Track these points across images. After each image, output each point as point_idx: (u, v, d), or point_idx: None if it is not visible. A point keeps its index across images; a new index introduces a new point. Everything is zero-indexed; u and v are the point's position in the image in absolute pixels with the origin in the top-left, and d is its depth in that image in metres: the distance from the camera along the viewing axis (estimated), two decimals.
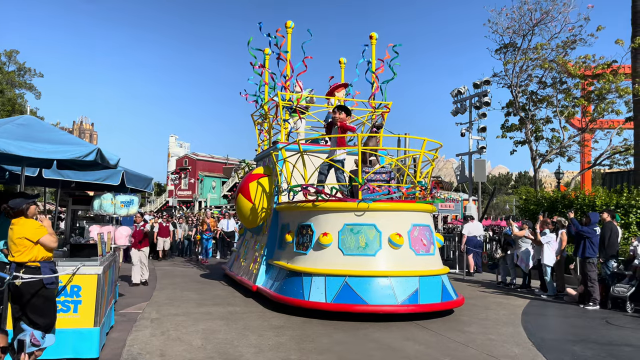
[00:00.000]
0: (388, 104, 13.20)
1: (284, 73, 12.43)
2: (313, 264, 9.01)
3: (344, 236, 8.95)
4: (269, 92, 13.79)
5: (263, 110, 13.50)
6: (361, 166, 9.25)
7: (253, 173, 12.22)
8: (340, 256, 8.86)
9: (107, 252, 7.22)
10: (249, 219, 11.94)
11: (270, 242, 10.97)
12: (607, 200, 13.76)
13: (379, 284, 8.50)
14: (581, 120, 21.25)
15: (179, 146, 78.60)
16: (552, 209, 14.97)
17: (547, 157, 21.23)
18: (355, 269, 8.62)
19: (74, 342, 5.78)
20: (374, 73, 13.39)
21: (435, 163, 10.26)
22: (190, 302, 10.00)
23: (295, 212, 9.96)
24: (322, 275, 8.76)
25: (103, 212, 8.29)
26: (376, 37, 13.63)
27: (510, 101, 21.74)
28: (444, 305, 8.83)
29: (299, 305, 8.73)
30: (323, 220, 9.24)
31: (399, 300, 8.37)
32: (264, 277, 10.67)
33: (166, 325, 7.85)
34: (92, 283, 5.96)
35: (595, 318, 9.22)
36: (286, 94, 12.21)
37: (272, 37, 12.49)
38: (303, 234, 9.51)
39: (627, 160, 20.81)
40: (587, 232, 10.50)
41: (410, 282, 8.62)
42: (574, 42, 20.13)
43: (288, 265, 9.51)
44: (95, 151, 6.11)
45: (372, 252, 8.78)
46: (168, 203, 64.85)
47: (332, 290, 8.56)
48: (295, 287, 9.02)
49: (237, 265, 13.09)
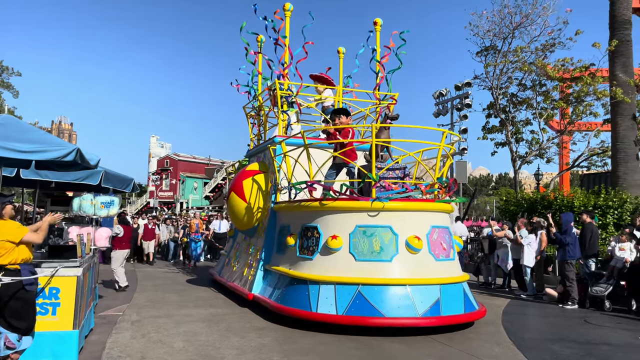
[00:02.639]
0: (394, 95, 12.26)
1: (282, 60, 11.37)
2: (320, 270, 8.06)
3: (355, 239, 7.98)
4: (264, 82, 12.80)
5: (257, 102, 12.55)
6: (374, 161, 8.29)
7: (247, 169, 11.21)
8: (351, 262, 7.90)
9: (87, 254, 7.11)
10: (243, 220, 10.99)
11: (267, 246, 10.01)
12: (585, 202, 13.99)
13: (397, 293, 7.56)
14: (560, 123, 21.58)
15: (160, 146, 77.88)
16: (531, 210, 15.17)
17: (527, 158, 21.51)
18: (369, 276, 7.66)
19: (53, 345, 5.69)
20: (379, 62, 12.38)
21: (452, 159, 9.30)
22: (171, 304, 9.90)
23: (298, 212, 9.00)
24: (332, 284, 7.80)
25: (82, 213, 8.17)
26: (381, 23, 12.59)
27: (490, 103, 21.98)
28: (467, 317, 7.93)
29: (306, 317, 7.75)
30: (331, 221, 8.28)
31: (420, 311, 7.46)
32: (261, 284, 9.67)
33: (147, 327, 7.76)
34: (71, 285, 5.87)
35: (574, 317, 9.37)
36: (284, 82, 11.10)
37: (268, 21, 11.34)
38: (308, 237, 8.52)
39: (604, 162, 21.20)
40: (570, 241, 10.64)
41: (430, 291, 7.70)
42: (553, 46, 20.42)
43: (290, 271, 8.56)
44: (74, 151, 6.03)
45: (387, 257, 7.83)
46: (149, 204, 64.24)
47: (343, 301, 7.61)
48: (300, 296, 8.07)
49: (228, 271, 12.12)
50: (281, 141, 9.87)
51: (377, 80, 12.40)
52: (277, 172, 10.02)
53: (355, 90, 12.57)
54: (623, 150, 15.43)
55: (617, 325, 8.66)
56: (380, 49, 12.47)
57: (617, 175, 15.47)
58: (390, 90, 12.31)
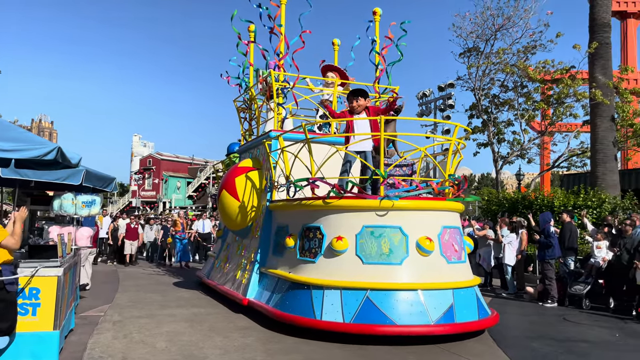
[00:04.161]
0: (395, 89, 11.68)
1: (277, 50, 10.75)
2: (324, 274, 7.51)
3: (362, 240, 7.41)
4: (256, 74, 12.21)
5: (248, 95, 11.92)
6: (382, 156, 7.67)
7: (240, 166, 10.63)
8: (358, 265, 7.35)
9: (68, 254, 7.03)
10: (236, 220, 10.37)
11: (262, 247, 9.41)
12: (565, 201, 14.22)
13: (408, 299, 7.05)
14: (541, 124, 21.92)
15: (142, 145, 77.33)
16: (513, 210, 15.37)
17: (509, 159, 21.79)
18: (378, 280, 7.15)
19: (32, 346, 5.61)
20: (379, 54, 11.77)
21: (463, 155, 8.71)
22: (154, 304, 9.82)
23: (298, 211, 8.41)
24: (337, 289, 7.26)
25: (63, 213, 8.07)
26: (380, 13, 11.94)
27: (473, 104, 22.22)
28: (482, 324, 7.46)
29: (310, 326, 7.20)
30: (336, 221, 7.69)
31: (433, 318, 6.96)
32: (256, 288, 9.07)
33: (129, 327, 7.70)
34: (51, 285, 5.80)
35: (553, 315, 9.52)
36: (280, 73, 10.49)
37: (263, 8, 10.69)
38: (310, 238, 7.93)
39: (584, 162, 21.58)
40: (553, 242, 10.81)
41: (444, 296, 7.23)
42: (534, 48, 20.72)
43: (290, 275, 8.02)
44: (55, 150, 5.96)
45: (397, 260, 7.29)
46: (131, 204, 63.70)
47: (350, 308, 7.06)
48: (302, 302, 7.48)
49: (217, 273, 11.42)
50: (278, 135, 9.23)
51: (376, 73, 11.85)
52: (272, 169, 9.49)
53: (355, 82, 11.76)
54: (602, 151, 15.71)
55: (595, 323, 8.82)
56: (379, 40, 11.83)
57: (596, 175, 15.74)
58: (390, 83, 11.79)
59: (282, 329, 7.57)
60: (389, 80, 11.75)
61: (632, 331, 8.24)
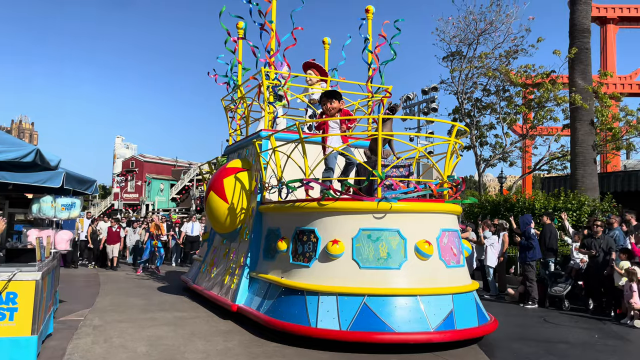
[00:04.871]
0: (388, 88, 11.47)
1: (268, 47, 10.43)
2: (319, 279, 7.25)
3: (359, 244, 7.17)
4: (244, 72, 11.95)
5: (236, 94, 11.57)
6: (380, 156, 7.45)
7: (228, 167, 10.34)
8: (355, 270, 7.11)
9: (47, 257, 6.92)
10: (224, 223, 10.07)
11: (252, 250, 9.10)
12: (546, 204, 14.40)
13: (407, 305, 6.85)
14: (522, 127, 22.16)
15: (125, 147, 76.53)
16: (495, 212, 15.52)
17: (491, 162, 21.99)
18: (376, 286, 6.93)
19: (9, 351, 5.53)
20: (372, 52, 11.51)
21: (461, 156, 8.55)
22: (135, 308, 9.72)
23: (291, 213, 8.14)
24: (333, 295, 7.02)
25: (42, 216, 7.92)
26: (373, 11, 11.69)
27: (456, 107, 22.38)
28: (482, 330, 7.25)
29: (305, 334, 6.93)
30: (331, 224, 7.44)
31: (433, 325, 6.77)
32: (246, 293, 8.76)
33: (109, 332, 7.61)
34: (29, 290, 5.71)
35: (534, 316, 9.63)
36: (271, 71, 10.18)
37: (253, 4, 10.41)
38: (304, 242, 7.67)
39: (564, 165, 21.84)
40: (534, 244, 10.94)
41: (443, 302, 7.05)
42: (516, 52, 20.96)
43: (283, 280, 7.73)
44: (34, 152, 5.87)
45: (395, 264, 7.07)
46: (113, 206, 62.97)
47: (347, 314, 6.83)
48: (295, 309, 7.23)
49: (204, 278, 11.08)
50: (270, 135, 8.95)
51: (369, 72, 11.57)
52: (263, 170, 9.22)
53: (347, 82, 11.70)
54: (581, 154, 15.93)
55: (575, 325, 8.95)
56: (373, 38, 11.64)
57: (575, 178, 15.96)
58: (383, 82, 11.55)
59: (266, 333, 7.54)
60: (382, 80, 11.53)
61: (611, 332, 8.38)
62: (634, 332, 8.47)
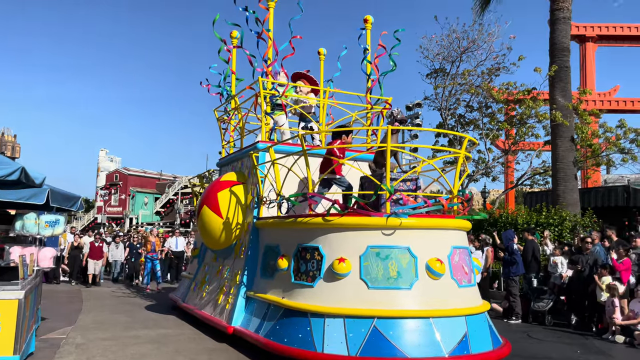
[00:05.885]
0: (388, 100, 11.16)
1: (265, 56, 10.10)
2: (325, 300, 6.78)
3: (367, 263, 6.71)
4: (237, 82, 11.68)
5: (230, 105, 11.28)
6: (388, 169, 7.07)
7: (222, 180, 9.95)
8: (363, 290, 6.66)
9: (30, 275, 6.85)
10: (219, 239, 9.56)
11: (249, 268, 8.65)
12: (528, 219, 14.59)
13: (419, 328, 6.42)
14: (505, 143, 22.50)
15: (109, 160, 75.78)
16: (478, 227, 15.67)
17: (474, 177, 22.25)
18: (386, 307, 6.49)
19: None
20: (371, 63, 11.21)
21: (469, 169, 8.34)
22: (118, 325, 9.62)
23: (292, 229, 7.73)
24: (340, 317, 6.56)
25: (26, 233, 7.84)
26: (372, 21, 11.40)
27: (440, 123, 22.68)
28: (497, 355, 6.78)
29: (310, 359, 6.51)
30: (337, 240, 7.00)
31: (446, 350, 6.33)
32: (242, 314, 8.28)
33: (92, 350, 7.52)
34: (12, 309, 5.66)
35: (517, 332, 9.73)
36: (268, 81, 9.87)
37: (250, 12, 10.06)
38: (307, 260, 7.20)
39: (546, 180, 22.18)
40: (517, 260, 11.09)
41: (457, 325, 6.61)
42: (498, 70, 21.37)
43: (284, 301, 7.28)
44: (19, 170, 5.83)
45: (406, 284, 6.63)
46: (97, 220, 62.22)
47: (356, 339, 6.36)
48: (299, 332, 6.76)
49: (195, 296, 10.60)
50: (269, 147, 8.56)
51: (367, 83, 11.24)
52: (260, 183, 8.81)
53: (344, 92, 11.38)
54: (562, 170, 16.20)
55: (558, 340, 9.06)
56: (372, 49, 11.33)
57: (557, 194, 16.20)
58: (382, 94, 11.25)
59: (251, 352, 7.51)
60: (382, 91, 11.25)
61: (593, 347, 8.50)
62: (616, 347, 8.60)
